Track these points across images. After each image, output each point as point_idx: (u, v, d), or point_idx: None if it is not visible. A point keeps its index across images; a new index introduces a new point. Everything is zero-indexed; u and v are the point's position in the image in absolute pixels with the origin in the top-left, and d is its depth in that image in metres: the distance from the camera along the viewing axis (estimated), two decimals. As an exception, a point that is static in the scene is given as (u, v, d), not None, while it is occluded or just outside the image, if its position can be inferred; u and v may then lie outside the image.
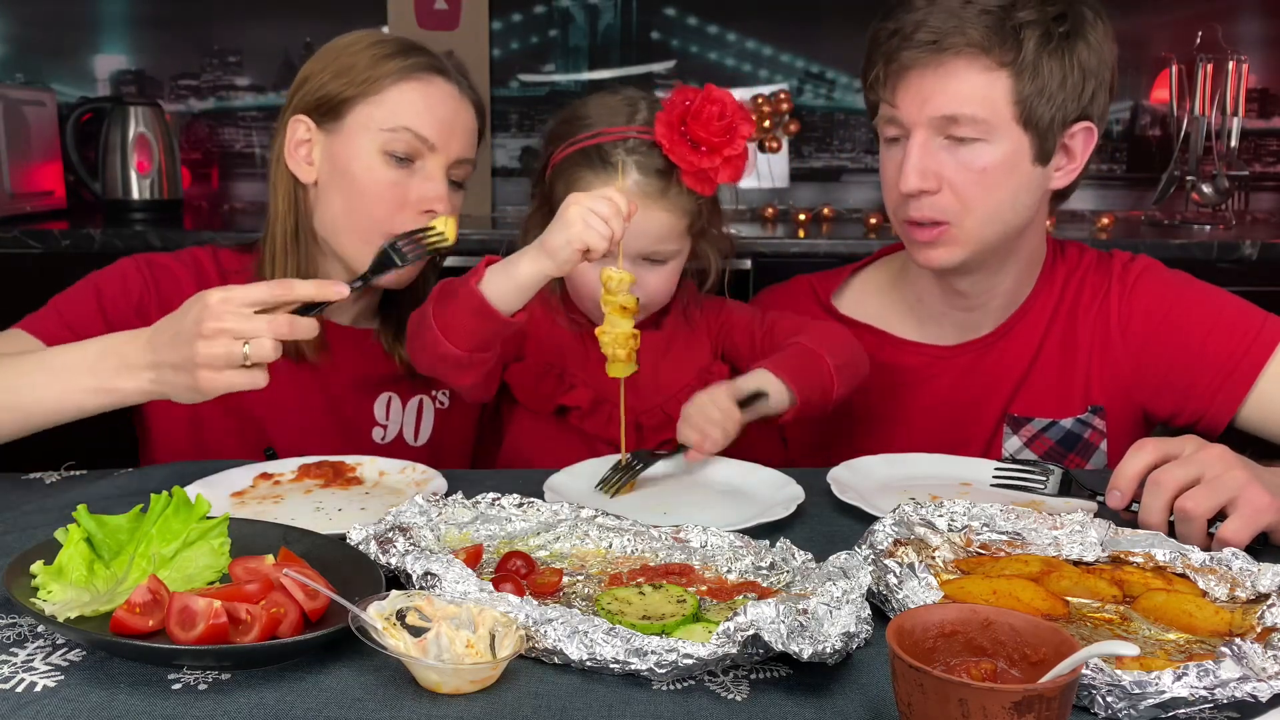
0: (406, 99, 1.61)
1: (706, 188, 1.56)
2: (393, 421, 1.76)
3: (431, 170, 1.62)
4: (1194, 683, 0.86)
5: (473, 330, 1.43)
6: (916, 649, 0.83)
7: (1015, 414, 1.71)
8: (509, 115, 3.63)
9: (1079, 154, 1.60)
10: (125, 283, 1.64)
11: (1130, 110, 3.68)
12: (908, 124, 1.56)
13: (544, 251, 1.39)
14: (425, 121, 1.61)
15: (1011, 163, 1.55)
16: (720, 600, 1.06)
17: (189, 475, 1.39)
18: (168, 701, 0.88)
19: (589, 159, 1.59)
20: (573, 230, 1.35)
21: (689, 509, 1.38)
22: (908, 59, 1.54)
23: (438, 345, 1.44)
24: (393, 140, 1.60)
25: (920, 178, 1.55)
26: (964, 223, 1.57)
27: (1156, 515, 1.23)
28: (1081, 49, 1.53)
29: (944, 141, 1.55)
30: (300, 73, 1.67)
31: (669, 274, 1.65)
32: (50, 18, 3.49)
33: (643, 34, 3.58)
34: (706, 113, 1.51)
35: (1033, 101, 1.52)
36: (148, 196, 3.24)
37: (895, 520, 1.18)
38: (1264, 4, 3.61)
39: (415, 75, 1.62)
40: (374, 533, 1.12)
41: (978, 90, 1.52)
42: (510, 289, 1.41)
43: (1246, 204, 3.52)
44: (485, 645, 0.91)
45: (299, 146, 1.65)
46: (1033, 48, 1.50)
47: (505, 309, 1.41)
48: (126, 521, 1.07)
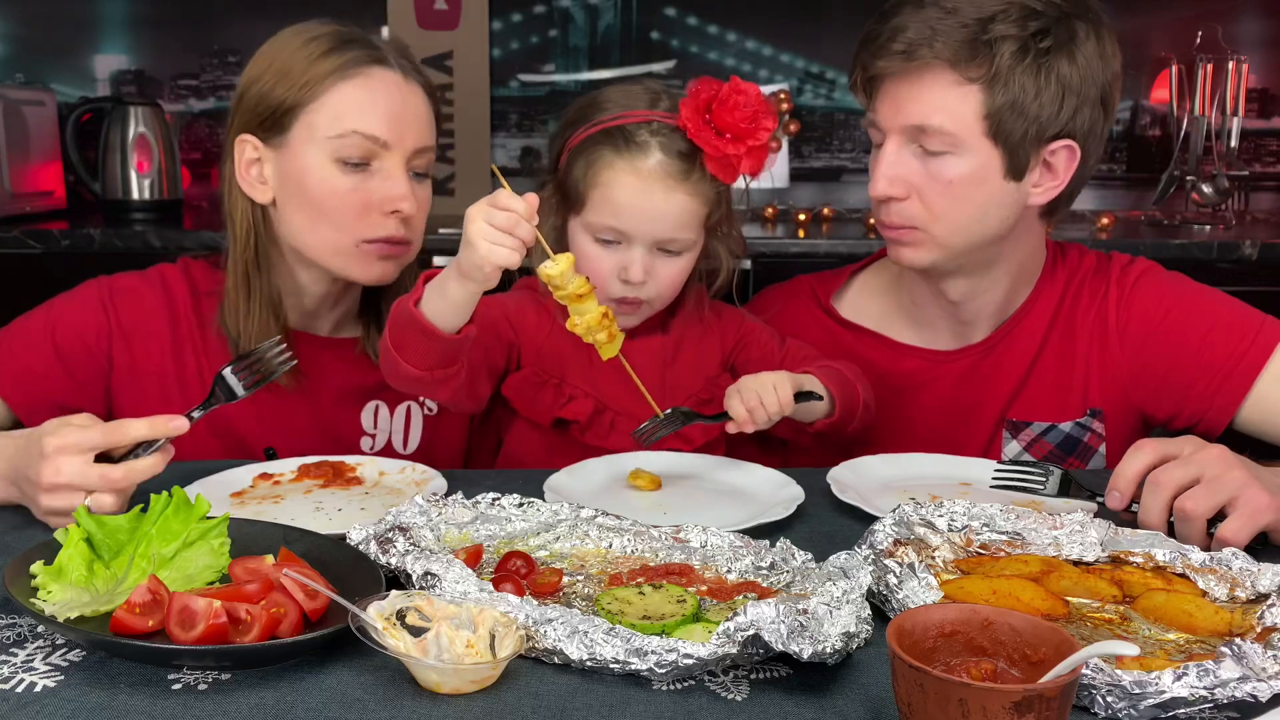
0: (348, 99, 1.54)
1: (729, 175, 1.54)
2: (381, 430, 1.73)
3: (390, 169, 1.57)
4: (1194, 683, 0.86)
5: (424, 351, 1.37)
6: (916, 649, 0.83)
7: (1014, 418, 1.71)
8: (509, 115, 3.63)
9: (1061, 171, 1.58)
10: (83, 320, 1.60)
11: (1130, 110, 3.68)
12: (884, 130, 1.58)
13: (463, 273, 1.31)
14: (373, 120, 1.55)
15: (980, 177, 1.54)
16: (720, 600, 1.06)
17: (189, 475, 1.39)
18: (168, 701, 0.88)
19: (612, 139, 1.55)
20: (479, 252, 1.27)
21: (689, 509, 1.38)
22: (882, 67, 1.55)
23: (397, 365, 1.39)
24: (343, 146, 1.54)
25: (889, 184, 1.57)
26: (932, 230, 1.58)
27: (1156, 515, 1.23)
28: (1063, 65, 1.51)
29: (916, 150, 1.56)
30: (239, 85, 1.60)
31: (681, 267, 1.61)
32: (50, 18, 3.49)
33: (643, 34, 3.58)
34: (733, 101, 1.50)
35: (1004, 116, 1.50)
36: (148, 196, 3.24)
37: (895, 520, 1.18)
38: (1264, 4, 3.61)
39: (353, 72, 1.55)
40: (374, 533, 1.12)
41: (947, 103, 1.52)
42: (445, 309, 1.34)
43: (1246, 204, 3.53)
44: (485, 645, 0.91)
45: (249, 167, 1.59)
46: (1006, 62, 1.49)
47: (446, 328, 1.34)
48: (126, 521, 1.07)
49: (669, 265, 1.59)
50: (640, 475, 1.45)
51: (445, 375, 1.40)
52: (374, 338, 1.71)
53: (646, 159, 1.53)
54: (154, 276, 1.67)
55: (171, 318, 1.65)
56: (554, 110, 3.62)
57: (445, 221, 3.08)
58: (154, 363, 1.63)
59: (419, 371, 1.38)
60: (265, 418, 1.64)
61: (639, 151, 1.54)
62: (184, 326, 1.65)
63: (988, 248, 1.62)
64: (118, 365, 1.62)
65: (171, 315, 1.65)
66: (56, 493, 1.21)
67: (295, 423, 1.66)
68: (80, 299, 1.63)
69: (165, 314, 1.65)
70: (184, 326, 1.65)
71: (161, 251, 2.79)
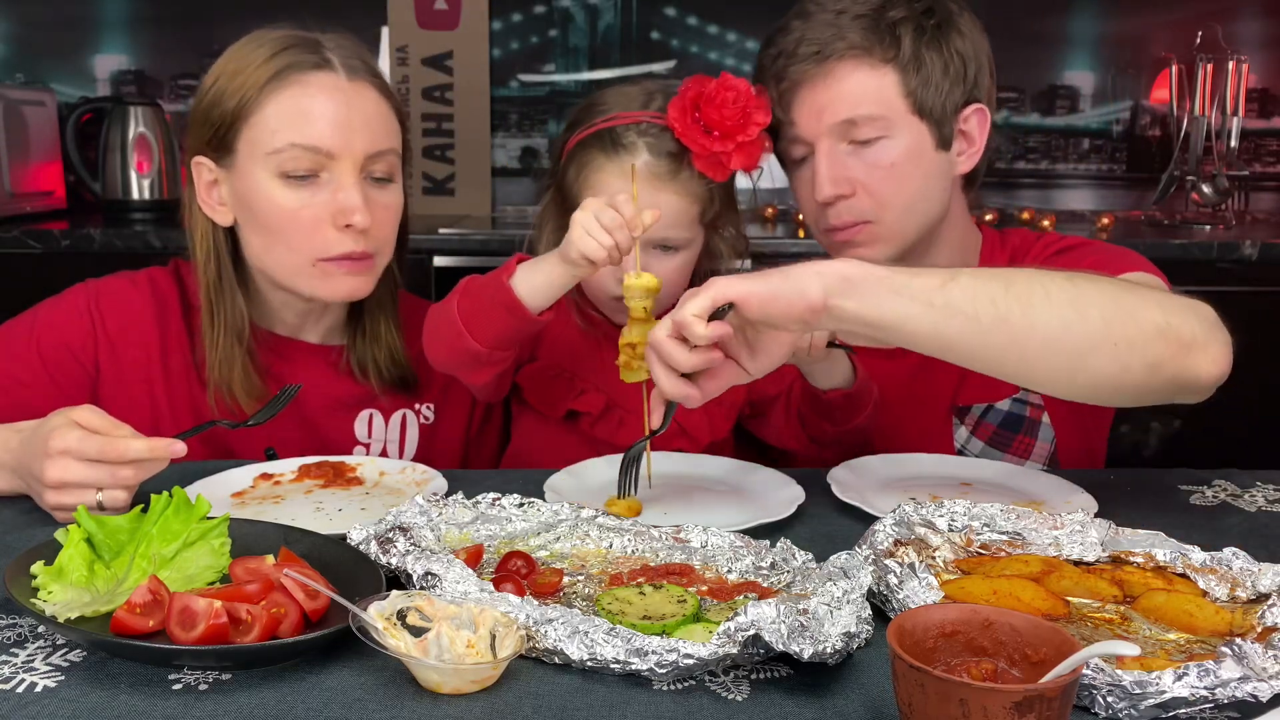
0: (283, 111, 1.48)
1: (719, 173, 1.55)
2: (375, 439, 1.70)
3: (340, 179, 1.49)
4: (1194, 683, 0.86)
5: (500, 326, 1.44)
6: (917, 649, 0.83)
7: (959, 404, 1.71)
8: (509, 115, 3.64)
9: (976, 136, 1.64)
10: (68, 328, 1.59)
11: (1130, 110, 3.68)
12: (809, 138, 1.59)
13: (561, 257, 1.41)
14: (313, 130, 1.47)
15: (917, 153, 1.58)
16: (720, 600, 1.06)
17: (189, 475, 1.39)
18: (168, 702, 0.88)
19: (601, 142, 1.57)
20: (573, 237, 1.38)
21: (689, 509, 1.38)
22: (796, 74, 1.57)
23: (459, 339, 1.44)
24: (284, 161, 1.48)
25: (834, 184, 1.57)
26: (884, 218, 1.59)
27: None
28: (955, 38, 1.58)
29: (848, 147, 1.57)
30: (191, 103, 1.57)
31: (680, 265, 1.61)
32: (50, 18, 3.49)
33: (643, 34, 3.58)
34: (721, 98, 1.51)
35: (921, 93, 1.56)
36: (147, 196, 3.25)
37: (895, 520, 1.18)
38: (1264, 4, 3.62)
39: (288, 80, 1.49)
40: (374, 533, 1.12)
41: (869, 90, 1.55)
42: (540, 286, 1.43)
43: (1246, 204, 3.53)
44: (485, 645, 0.91)
45: (210, 190, 1.55)
46: (910, 43, 1.55)
47: (534, 307, 1.43)
48: (126, 522, 1.07)
49: (665, 263, 1.59)
50: (616, 504, 1.35)
51: (502, 357, 1.47)
52: (360, 349, 1.68)
53: (634, 160, 1.54)
54: (143, 279, 1.66)
55: (160, 320, 1.63)
56: (554, 110, 3.62)
57: (446, 221, 3.09)
58: (140, 368, 1.62)
59: (483, 348, 1.44)
60: (255, 432, 1.63)
61: (626, 153, 1.55)
62: (172, 329, 1.64)
63: (928, 233, 1.64)
64: (104, 371, 1.61)
65: (160, 318, 1.63)
66: (64, 491, 1.21)
67: (286, 433, 1.64)
68: (65, 306, 1.61)
69: (153, 317, 1.63)
70: (172, 329, 1.64)
71: (161, 251, 2.78)
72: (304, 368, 1.66)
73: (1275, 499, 1.44)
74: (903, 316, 1.17)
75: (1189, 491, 1.47)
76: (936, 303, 1.17)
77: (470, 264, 2.77)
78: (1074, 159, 3.72)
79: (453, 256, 2.83)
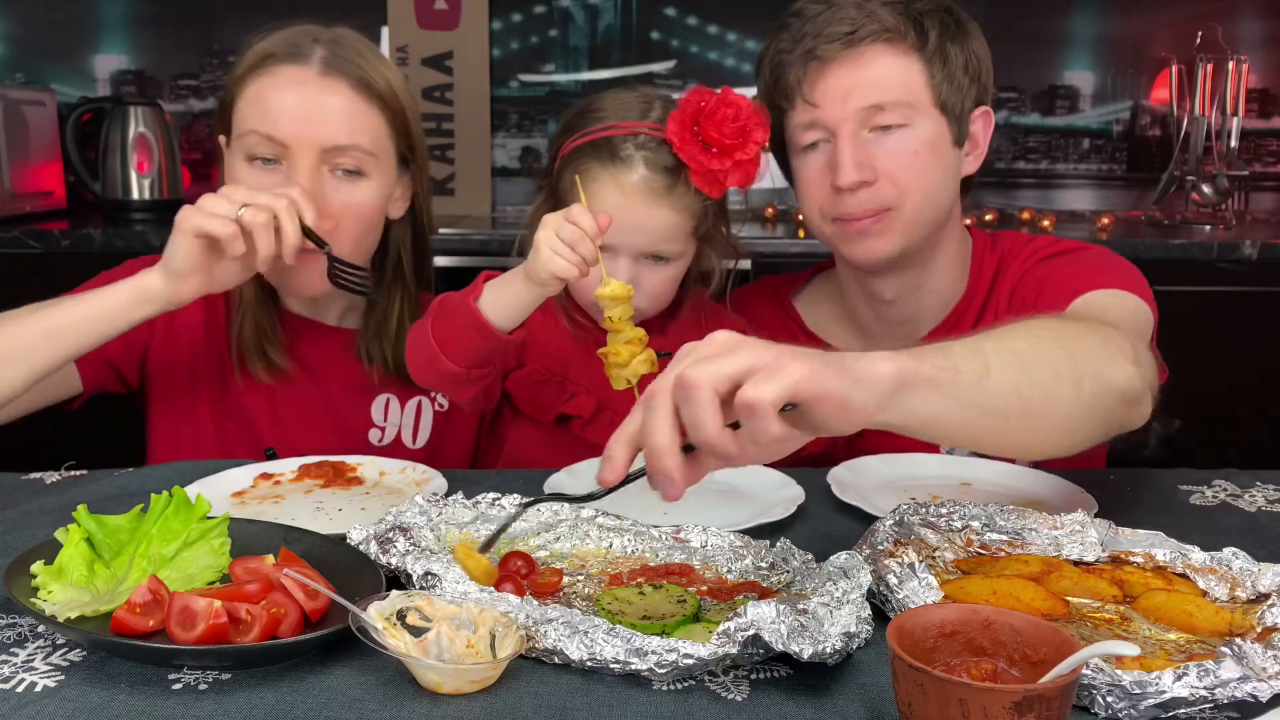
0: (251, 99, 1.55)
1: (715, 190, 1.54)
2: (390, 424, 1.74)
3: (298, 168, 1.52)
4: (1194, 683, 0.86)
5: (471, 348, 1.42)
6: (917, 649, 0.83)
7: None
8: (509, 115, 3.64)
9: (981, 139, 1.64)
10: None
11: (1130, 110, 3.68)
12: (831, 124, 1.57)
13: (529, 276, 1.39)
14: (272, 119, 1.52)
15: (937, 145, 1.58)
16: (720, 600, 1.06)
17: (189, 475, 1.39)
18: (168, 701, 0.88)
19: (598, 150, 1.56)
20: (540, 258, 1.36)
21: (689, 509, 1.37)
22: (826, 54, 1.55)
23: (436, 361, 1.43)
24: (248, 145, 1.54)
25: (859, 169, 1.55)
26: (904, 206, 1.58)
27: None
28: (969, 38, 1.60)
29: (870, 134, 1.56)
30: None
31: (669, 276, 1.62)
32: (50, 18, 3.49)
33: (643, 34, 3.58)
34: (721, 114, 1.49)
35: (943, 87, 1.56)
36: (148, 197, 3.24)
37: (895, 520, 1.18)
38: (1264, 4, 3.62)
39: (261, 71, 1.55)
40: (374, 533, 1.12)
41: (897, 76, 1.55)
42: (506, 306, 1.41)
43: (1246, 204, 3.53)
44: (485, 645, 0.91)
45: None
46: (935, 36, 1.55)
47: (503, 327, 1.41)
48: (126, 521, 1.07)
49: (655, 274, 1.59)
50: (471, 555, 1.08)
51: (481, 375, 1.45)
52: (368, 338, 1.71)
53: (630, 173, 1.53)
54: None
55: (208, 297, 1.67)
56: (554, 110, 3.62)
57: (446, 221, 3.09)
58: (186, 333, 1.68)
59: (459, 368, 1.43)
60: (275, 407, 1.65)
61: (623, 166, 1.54)
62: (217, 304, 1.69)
63: (935, 232, 1.64)
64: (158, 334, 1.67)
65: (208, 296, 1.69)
66: (220, 199, 1.39)
67: (305, 413, 1.68)
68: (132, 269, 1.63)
69: None
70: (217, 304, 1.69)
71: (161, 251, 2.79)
72: (323, 348, 1.70)
73: (1275, 499, 1.44)
74: (938, 418, 1.03)
75: (1189, 491, 1.47)
76: (976, 402, 1.05)
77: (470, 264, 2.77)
78: (1074, 159, 3.72)
79: (453, 256, 2.83)
